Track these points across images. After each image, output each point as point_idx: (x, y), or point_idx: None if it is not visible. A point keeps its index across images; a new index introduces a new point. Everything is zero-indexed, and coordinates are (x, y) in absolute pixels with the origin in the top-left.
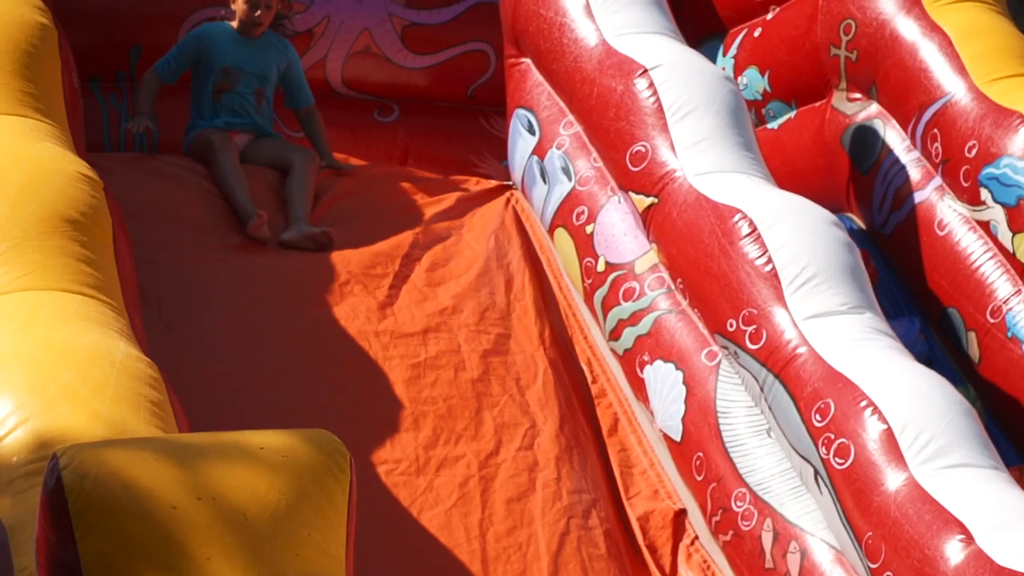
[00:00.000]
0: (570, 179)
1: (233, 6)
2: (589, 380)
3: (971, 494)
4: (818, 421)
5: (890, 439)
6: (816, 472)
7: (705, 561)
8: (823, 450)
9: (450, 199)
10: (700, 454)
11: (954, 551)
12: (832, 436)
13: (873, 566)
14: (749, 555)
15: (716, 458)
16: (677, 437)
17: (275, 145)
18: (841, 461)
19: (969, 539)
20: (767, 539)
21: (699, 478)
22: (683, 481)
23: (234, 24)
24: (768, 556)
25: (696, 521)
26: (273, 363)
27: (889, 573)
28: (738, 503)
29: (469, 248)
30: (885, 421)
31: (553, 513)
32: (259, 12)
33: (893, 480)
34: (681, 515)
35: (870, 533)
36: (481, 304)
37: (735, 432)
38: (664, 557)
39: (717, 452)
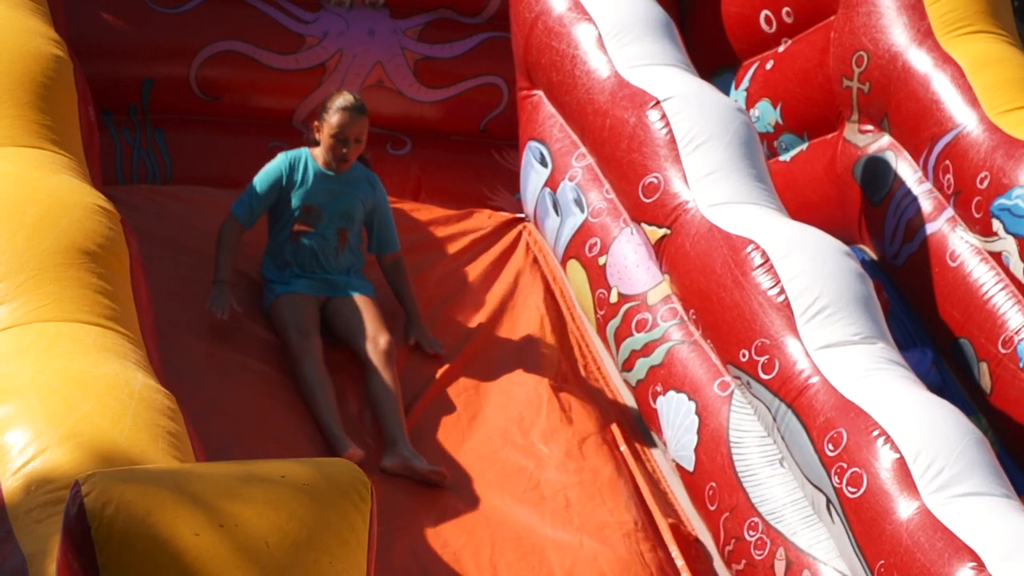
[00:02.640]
0: (583, 211)
1: (317, 135)
2: (614, 408)
3: (983, 523)
4: (831, 450)
5: (902, 468)
6: (828, 501)
7: None
8: (836, 479)
9: (463, 232)
10: (713, 484)
11: None
12: (844, 465)
13: None
14: None
15: (729, 488)
16: (690, 467)
17: (358, 318)
18: (853, 490)
19: (981, 567)
20: (780, 568)
21: (712, 508)
22: (696, 511)
23: (316, 154)
24: None
25: (710, 550)
26: (279, 393)
27: None
28: (751, 532)
29: (482, 282)
30: (897, 450)
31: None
32: (347, 149)
33: (905, 509)
34: (696, 544)
35: (882, 562)
36: (496, 337)
37: (748, 462)
38: None
39: (730, 482)
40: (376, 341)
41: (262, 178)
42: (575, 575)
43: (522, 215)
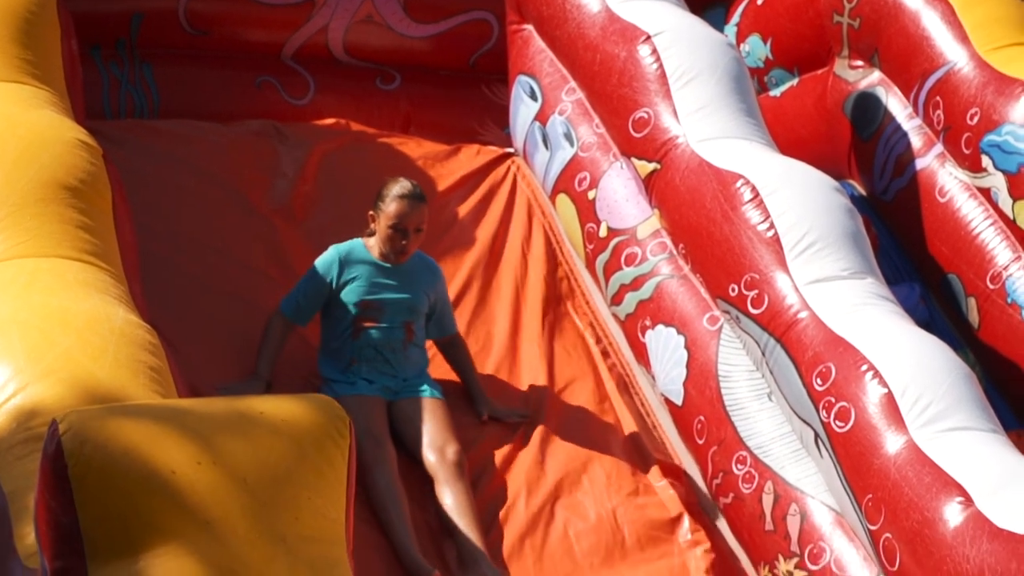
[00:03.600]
0: (572, 145)
1: (373, 225)
2: (592, 343)
3: (970, 457)
4: (819, 385)
5: (890, 402)
6: (817, 435)
7: (706, 525)
8: (824, 413)
9: (452, 167)
10: (701, 418)
11: (953, 513)
12: (833, 400)
13: (873, 528)
14: (749, 518)
15: (717, 421)
16: (679, 401)
17: (426, 424)
18: (842, 424)
19: (968, 501)
20: (767, 501)
21: (700, 442)
22: (684, 445)
23: (371, 245)
24: (768, 518)
25: (697, 483)
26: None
27: (888, 535)
28: (739, 466)
29: (473, 217)
30: (885, 385)
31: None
32: (407, 241)
33: (893, 443)
34: (683, 474)
35: (870, 496)
36: (485, 271)
37: (736, 396)
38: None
39: (718, 416)
40: (444, 451)
41: (311, 274)
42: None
43: (511, 150)
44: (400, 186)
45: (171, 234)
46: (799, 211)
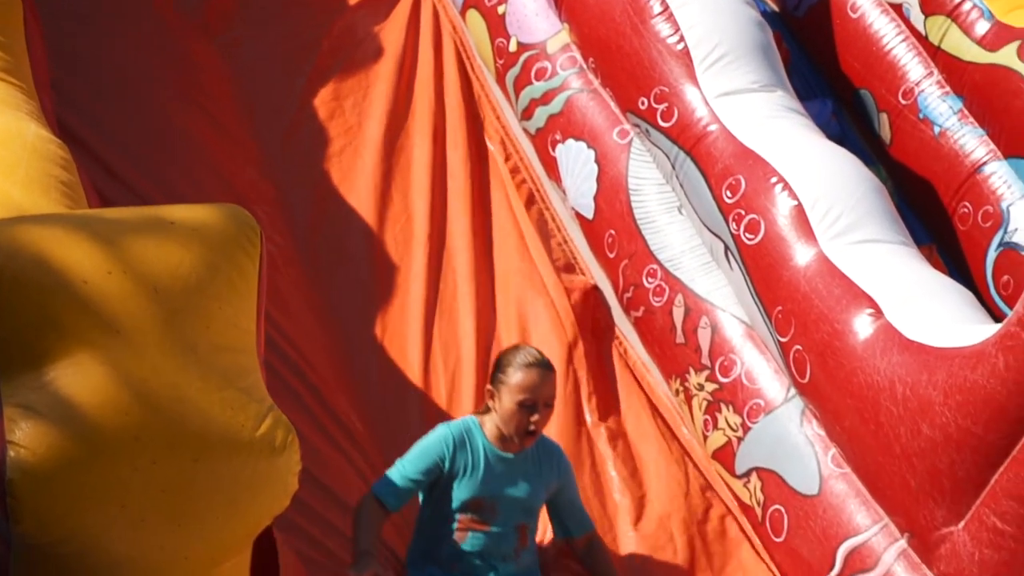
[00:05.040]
0: None
1: (491, 402)
2: (503, 159)
3: (881, 269)
4: (729, 197)
5: (800, 215)
6: (727, 248)
7: (618, 337)
8: (733, 226)
9: None
10: (612, 232)
11: (863, 325)
12: (743, 212)
13: (783, 340)
14: (660, 330)
15: (628, 235)
16: (589, 215)
17: None
18: (751, 236)
19: (878, 313)
20: (678, 314)
21: (611, 255)
22: (595, 259)
23: (487, 427)
24: (679, 331)
25: (608, 298)
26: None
27: (799, 346)
28: (649, 279)
29: (385, 32)
30: (796, 197)
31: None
32: (537, 417)
33: (803, 255)
34: (595, 292)
35: (780, 308)
36: (397, 87)
37: (646, 209)
38: (587, 334)
39: (629, 229)
40: None
41: (418, 457)
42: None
43: None
44: (524, 353)
45: (76, 52)
46: (708, 24)
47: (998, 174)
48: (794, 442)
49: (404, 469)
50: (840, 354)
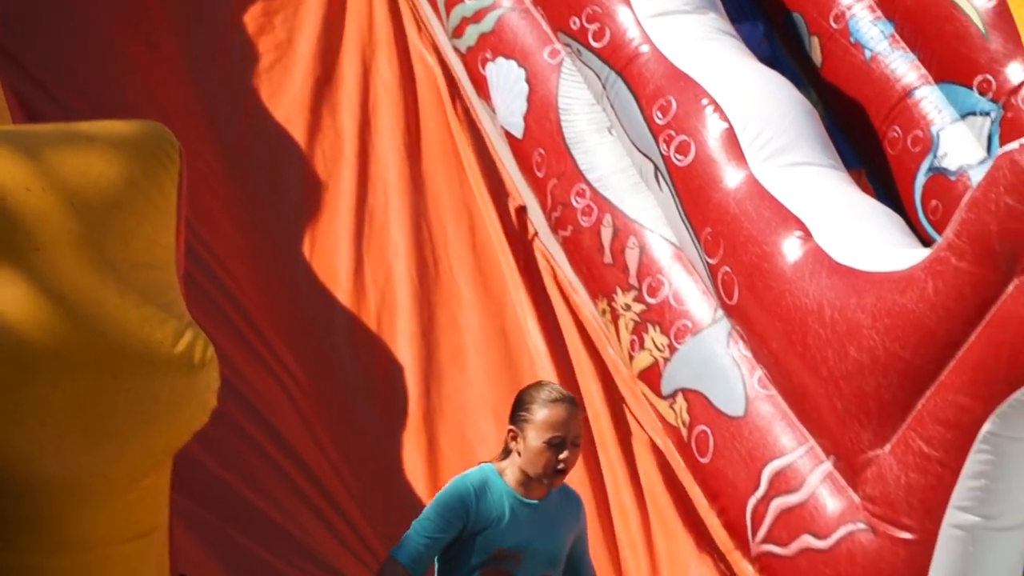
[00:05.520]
0: None
1: (514, 444)
2: (434, 75)
3: (810, 192)
4: (659, 119)
5: (731, 137)
6: (656, 169)
7: (546, 257)
8: (664, 147)
9: None
10: (541, 151)
11: (792, 247)
12: (673, 133)
13: (711, 261)
14: (588, 250)
15: (557, 155)
16: (519, 134)
17: None
18: (681, 158)
19: (807, 236)
20: (606, 235)
21: (540, 175)
22: (524, 178)
23: (508, 473)
24: (607, 251)
25: (537, 218)
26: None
27: (727, 268)
28: (578, 199)
29: None
30: (726, 119)
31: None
32: (567, 455)
33: (733, 177)
34: (522, 212)
35: (709, 229)
36: (327, 5)
37: (576, 129)
38: (515, 253)
39: (558, 149)
40: None
41: (438, 514)
42: None
43: None
44: (549, 389)
45: None
46: None
47: (928, 99)
48: (720, 363)
49: (425, 528)
50: (769, 276)
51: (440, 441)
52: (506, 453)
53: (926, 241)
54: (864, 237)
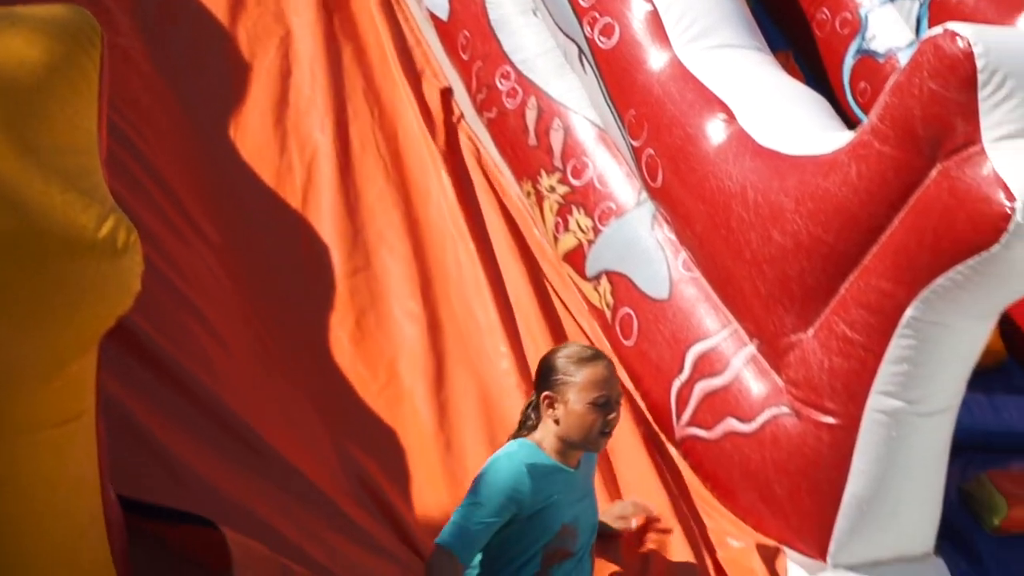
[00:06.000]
0: None
1: (552, 411)
2: None
3: (735, 74)
4: (584, 1)
5: (655, 19)
6: (580, 51)
7: (471, 139)
8: (588, 29)
9: None
10: (466, 33)
11: (716, 130)
12: (597, 15)
13: (635, 143)
14: (513, 132)
15: (482, 36)
16: (444, 16)
17: None
18: (605, 40)
19: (731, 119)
20: (531, 116)
21: (465, 57)
22: (449, 60)
23: (546, 444)
24: (532, 133)
25: (462, 100)
26: None
27: (651, 150)
28: (503, 81)
29: None
30: (650, 1)
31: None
32: (613, 415)
33: (657, 60)
34: (447, 93)
35: (632, 111)
36: None
37: (502, 11)
38: (439, 135)
39: (483, 31)
40: None
41: (489, 498)
42: None
43: None
44: (580, 348)
45: None
46: None
47: None
48: (644, 246)
49: (476, 514)
50: (692, 159)
51: (368, 318)
52: (530, 427)
53: (854, 123)
54: (788, 120)
